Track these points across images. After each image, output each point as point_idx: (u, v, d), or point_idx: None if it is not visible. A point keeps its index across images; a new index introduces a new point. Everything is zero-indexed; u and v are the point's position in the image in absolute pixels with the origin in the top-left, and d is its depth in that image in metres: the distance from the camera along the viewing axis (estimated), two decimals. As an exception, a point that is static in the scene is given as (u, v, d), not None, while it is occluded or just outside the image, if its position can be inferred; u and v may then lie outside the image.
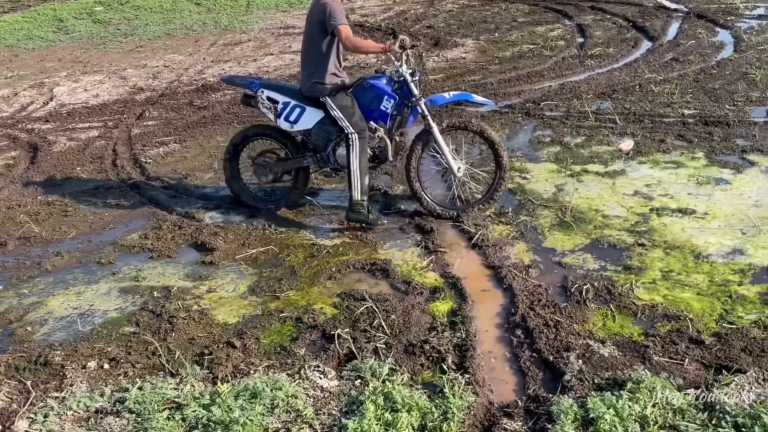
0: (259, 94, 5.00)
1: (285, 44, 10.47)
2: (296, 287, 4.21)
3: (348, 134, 4.78)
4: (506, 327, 3.70)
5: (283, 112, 4.93)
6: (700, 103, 6.69)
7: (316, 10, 4.68)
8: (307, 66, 4.83)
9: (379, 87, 4.87)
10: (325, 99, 4.78)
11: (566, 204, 4.94)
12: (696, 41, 8.79)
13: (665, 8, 10.75)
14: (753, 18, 9.76)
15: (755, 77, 7.20)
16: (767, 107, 6.43)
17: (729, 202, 4.79)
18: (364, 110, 4.88)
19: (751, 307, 3.66)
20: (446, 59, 9.05)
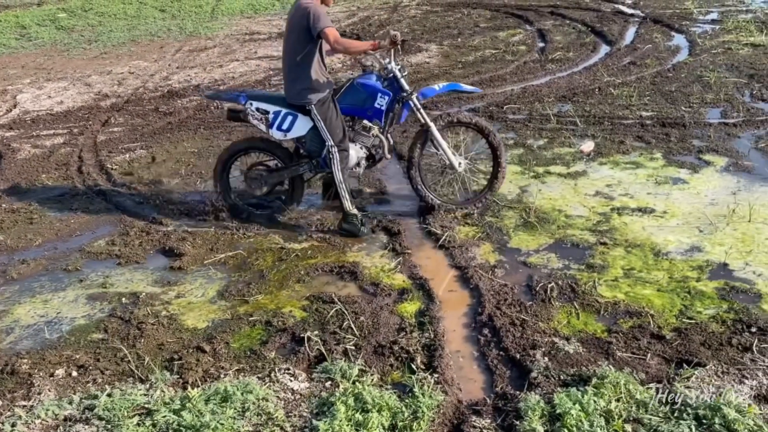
0: (247, 107, 4.88)
1: (250, 50, 10.40)
2: (265, 291, 4.18)
3: (328, 146, 4.74)
4: (473, 326, 3.72)
5: (275, 122, 4.84)
6: (658, 106, 6.81)
7: (297, 15, 4.56)
8: (291, 73, 4.71)
9: (371, 85, 4.82)
10: (311, 108, 4.70)
11: (530, 205, 4.99)
12: (652, 45, 8.96)
13: (623, 13, 10.93)
14: (706, 23, 9.97)
15: (709, 80, 7.36)
16: (721, 109, 6.57)
17: (686, 201, 4.88)
18: (357, 111, 4.86)
19: (709, 302, 3.73)
20: (411, 64, 9.08)
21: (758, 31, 9.07)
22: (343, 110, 4.85)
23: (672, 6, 11.07)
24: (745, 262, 4.06)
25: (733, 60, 7.99)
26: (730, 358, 3.24)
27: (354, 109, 4.88)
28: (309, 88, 4.68)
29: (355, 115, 4.91)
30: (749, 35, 8.93)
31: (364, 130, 4.91)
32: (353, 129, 4.94)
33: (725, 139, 5.85)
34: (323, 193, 5.31)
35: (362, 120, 4.90)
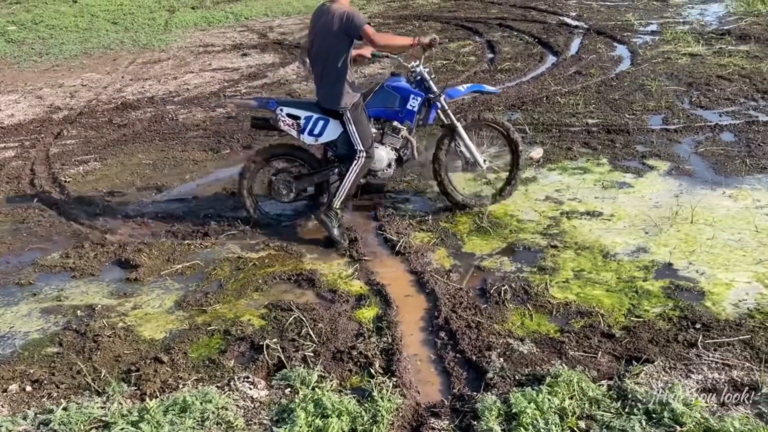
0: (278, 113, 4.78)
1: (205, 62, 10.28)
2: (223, 300, 4.11)
3: (357, 150, 4.71)
4: (430, 330, 3.72)
5: (307, 127, 4.78)
6: (603, 113, 6.95)
7: (332, 19, 4.46)
8: (328, 77, 4.62)
9: (404, 87, 4.86)
10: (345, 112, 4.67)
11: (483, 210, 5.03)
12: (596, 56, 9.14)
13: (567, 25, 11.15)
14: (647, 34, 10.22)
15: (651, 88, 7.55)
16: (663, 116, 6.74)
17: (632, 204, 4.98)
18: (388, 113, 4.87)
19: (655, 300, 3.81)
20: (364, 75, 9.09)
21: (695, 41, 9.35)
22: (374, 113, 4.87)
23: (614, 18, 11.32)
24: (689, 262, 4.16)
25: (673, 69, 8.21)
26: (676, 354, 3.31)
27: (386, 111, 4.89)
28: (345, 92, 4.64)
29: (387, 117, 4.91)
30: (687, 45, 9.19)
31: (394, 131, 4.92)
32: (383, 131, 4.94)
33: (667, 145, 6.00)
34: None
35: (392, 122, 4.91)
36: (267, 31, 12.31)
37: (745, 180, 5.21)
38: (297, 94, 8.35)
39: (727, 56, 8.55)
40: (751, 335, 3.41)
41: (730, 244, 4.32)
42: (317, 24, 4.62)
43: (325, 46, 4.57)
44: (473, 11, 12.76)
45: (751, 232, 4.44)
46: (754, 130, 6.14)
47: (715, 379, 3.09)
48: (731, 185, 5.14)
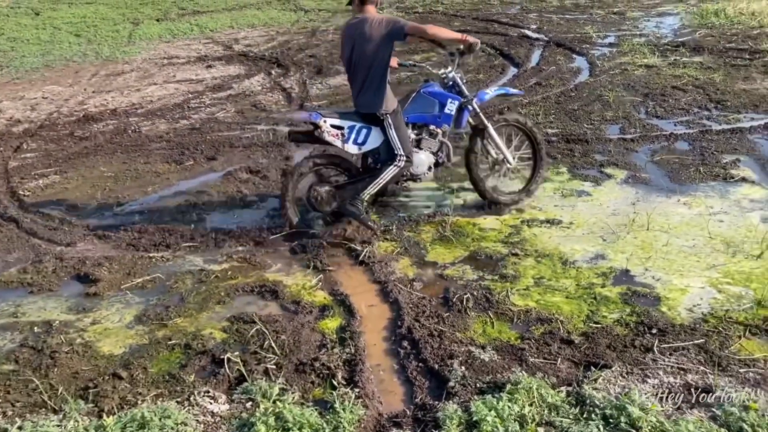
0: (322, 124, 4.72)
1: (169, 74, 10.16)
2: (185, 314, 4.03)
3: (397, 155, 4.77)
4: (393, 339, 3.70)
5: (350, 137, 4.79)
6: (562, 123, 7.03)
7: (370, 28, 4.55)
8: (371, 83, 4.67)
9: (440, 93, 4.97)
10: (386, 117, 4.71)
11: (446, 219, 5.03)
12: (556, 67, 9.26)
13: (528, 37, 11.28)
14: (605, 46, 10.40)
15: (608, 98, 7.66)
16: (620, 125, 6.84)
17: (590, 212, 5.03)
18: (427, 118, 4.96)
19: (613, 306, 3.84)
20: (329, 86, 9.08)
21: (651, 53, 9.53)
22: (413, 119, 4.94)
23: (573, 30, 11.49)
24: (645, 268, 4.21)
25: (630, 80, 8.35)
26: (633, 359, 3.34)
27: (424, 116, 4.97)
28: (387, 97, 4.70)
29: (425, 122, 4.99)
30: (643, 57, 9.37)
31: (431, 135, 5.02)
32: (420, 136, 5.00)
33: (624, 154, 6.08)
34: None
35: (429, 126, 4.99)
36: (232, 43, 12.23)
37: (699, 187, 5.30)
38: (262, 105, 8.30)
39: (681, 67, 8.73)
40: (705, 339, 3.45)
41: (684, 250, 4.38)
42: (354, 35, 4.67)
43: (368, 54, 4.61)
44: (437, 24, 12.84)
45: (705, 238, 4.51)
46: (707, 138, 6.26)
47: (670, 383, 3.12)
48: (686, 193, 5.23)
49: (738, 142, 6.13)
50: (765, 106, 7.04)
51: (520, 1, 14.71)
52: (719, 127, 6.56)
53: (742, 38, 10.02)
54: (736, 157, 5.78)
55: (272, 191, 5.75)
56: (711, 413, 2.91)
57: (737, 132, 6.36)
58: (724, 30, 10.63)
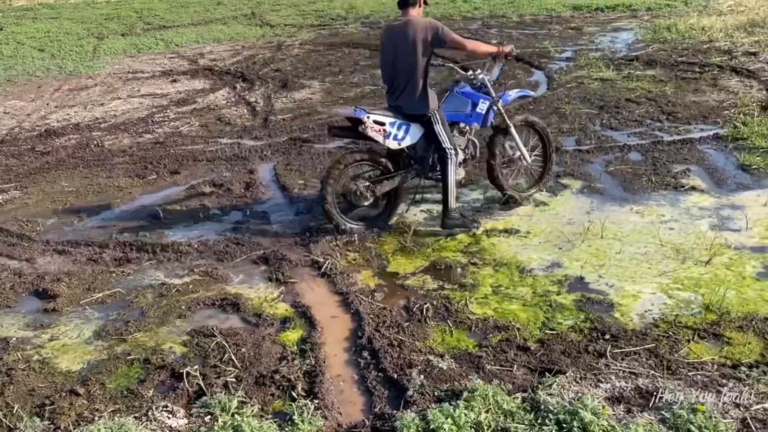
0: (366, 120, 4.81)
1: (133, 88, 10.04)
2: (144, 328, 3.96)
3: (446, 149, 4.92)
4: (354, 350, 3.68)
5: (391, 132, 4.88)
6: (521, 135, 7.10)
7: (414, 33, 4.70)
8: (415, 85, 4.83)
9: (473, 93, 5.19)
10: (432, 114, 4.88)
11: (408, 230, 5.04)
12: (515, 81, 9.38)
13: (489, 52, 11.43)
14: (562, 60, 10.57)
15: (565, 111, 7.78)
16: (576, 137, 6.95)
17: (547, 221, 5.09)
18: (460, 117, 5.15)
19: (568, 313, 3.88)
20: (294, 100, 9.06)
21: (606, 67, 9.71)
22: (447, 117, 5.05)
23: (532, 45, 11.66)
24: (599, 275, 4.27)
25: (586, 93, 8.49)
26: (587, 365, 3.37)
27: (458, 115, 5.16)
28: (430, 97, 4.89)
29: (458, 120, 5.17)
30: (599, 71, 9.54)
31: (461, 133, 5.20)
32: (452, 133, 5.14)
33: (580, 165, 6.17)
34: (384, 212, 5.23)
35: (459, 124, 5.17)
36: (198, 57, 12.14)
37: (651, 196, 5.40)
38: (226, 119, 8.24)
39: (635, 80, 8.91)
40: (655, 344, 3.51)
41: (636, 257, 4.46)
42: (395, 39, 4.82)
43: (411, 59, 4.77)
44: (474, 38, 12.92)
45: (656, 245, 4.60)
46: (659, 149, 6.39)
47: (622, 387, 3.16)
48: (638, 202, 5.32)
49: (688, 152, 6.27)
50: (713, 118, 7.22)
51: (481, 17, 14.89)
52: (670, 138, 6.70)
53: (693, 52, 10.28)
54: (686, 167, 5.90)
55: (235, 204, 5.70)
56: (660, 416, 2.95)
57: (687, 142, 6.51)
58: (676, 44, 10.89)
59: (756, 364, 3.30)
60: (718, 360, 3.36)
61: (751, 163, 5.87)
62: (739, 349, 3.45)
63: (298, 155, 6.83)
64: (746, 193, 5.33)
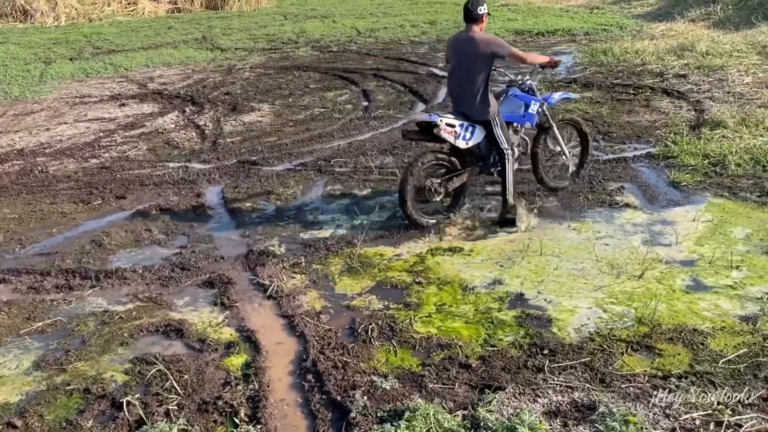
0: (440, 123, 5.17)
1: (80, 113, 9.80)
2: (85, 357, 3.84)
3: (504, 150, 5.37)
4: (298, 373, 3.64)
5: (461, 134, 5.28)
6: (465, 155, 7.18)
7: (477, 46, 5.18)
8: (480, 93, 5.27)
9: (525, 96, 5.65)
10: (493, 118, 5.33)
11: (354, 251, 5.03)
12: (460, 102, 9.49)
13: (436, 75, 11.55)
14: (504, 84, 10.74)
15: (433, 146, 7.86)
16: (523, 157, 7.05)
17: (489, 239, 5.14)
18: (515, 117, 5.59)
19: (509, 329, 3.91)
20: (243, 123, 8.98)
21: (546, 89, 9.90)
22: (504, 118, 5.46)
23: (477, 68, 11.86)
24: (538, 291, 4.32)
25: (528, 114, 8.64)
26: (526, 380, 3.40)
27: (512, 116, 5.58)
28: (492, 103, 5.34)
29: (513, 121, 5.60)
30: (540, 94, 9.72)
31: (515, 132, 5.63)
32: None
33: (521, 183, 6.25)
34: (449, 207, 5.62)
35: (513, 124, 5.60)
36: (147, 81, 11.95)
37: (587, 213, 5.52)
38: (174, 143, 8.11)
39: (573, 102, 9.12)
40: (591, 357, 3.56)
41: (573, 272, 4.53)
42: (460, 51, 5.33)
43: (475, 68, 5.22)
44: (350, 62, 12.97)
45: (592, 261, 4.68)
46: (595, 167, 6.53)
47: (558, 401, 3.19)
48: (575, 219, 5.42)
49: (622, 170, 6.43)
50: (646, 137, 7.43)
51: (428, 41, 15.07)
52: (606, 156, 6.87)
53: (627, 75, 10.58)
54: (621, 185, 6.06)
55: (182, 228, 5.60)
56: (595, 428, 2.98)
57: (622, 161, 6.68)
58: (612, 67, 11.20)
59: (685, 374, 3.39)
60: (650, 371, 3.43)
61: (680, 180, 6.05)
62: (670, 360, 3.53)
63: (246, 178, 6.76)
64: (676, 209, 5.49)
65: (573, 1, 19.72)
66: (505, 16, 17.68)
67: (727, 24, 13.08)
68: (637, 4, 18.12)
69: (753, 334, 3.74)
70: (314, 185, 6.60)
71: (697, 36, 12.41)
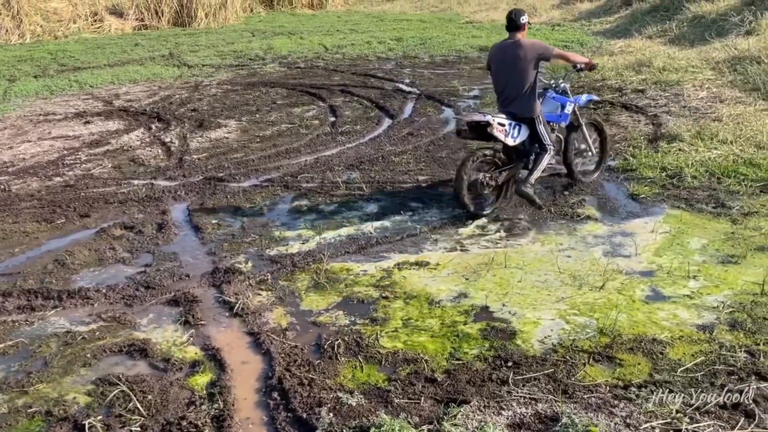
0: (492, 122, 5.61)
1: (44, 131, 9.62)
2: (47, 379, 3.74)
3: (547, 145, 5.88)
4: (264, 391, 3.59)
5: (510, 132, 5.75)
6: (431, 170, 7.23)
7: (524, 51, 5.65)
8: (528, 94, 5.74)
9: (561, 97, 6.18)
10: (537, 117, 5.82)
11: (321, 266, 5.00)
12: (426, 118, 9.57)
13: (402, 91, 11.62)
14: (470, 98, 10.86)
15: (472, 146, 7.95)
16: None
17: (455, 253, 5.15)
18: (552, 117, 6.10)
19: (474, 342, 3.92)
20: (210, 139, 8.90)
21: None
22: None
23: (442, 84, 11.95)
24: (503, 304, 4.34)
25: (491, 129, 8.73)
26: (490, 393, 3.40)
27: (551, 116, 6.09)
28: (537, 103, 5.81)
29: (551, 120, 6.06)
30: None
31: (552, 130, 6.06)
32: None
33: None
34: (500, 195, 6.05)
35: (550, 123, 6.05)
36: (113, 98, 11.79)
37: (550, 226, 5.58)
38: (140, 160, 8.00)
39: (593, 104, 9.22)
40: (554, 369, 3.58)
41: (537, 285, 4.57)
42: (507, 56, 5.78)
43: (524, 71, 5.68)
44: (317, 78, 12.98)
45: (555, 272, 4.73)
46: (557, 181, 6.62)
47: (522, 413, 3.20)
48: (539, 231, 5.47)
49: (583, 183, 6.52)
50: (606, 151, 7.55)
51: (395, 57, 15.17)
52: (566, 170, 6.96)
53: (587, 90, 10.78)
54: (582, 198, 6.14)
55: (146, 246, 5.51)
56: (558, 439, 3.00)
57: (583, 174, 6.77)
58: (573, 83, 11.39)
59: (645, 383, 3.43)
60: (611, 381, 3.47)
61: (639, 193, 6.16)
62: (630, 369, 3.57)
63: (212, 194, 6.70)
64: (635, 221, 5.59)
65: (536, 18, 20.05)
66: (470, 33, 17.92)
67: (682, 40, 13.42)
68: (597, 21, 18.52)
69: (710, 342, 3.81)
70: (281, 201, 6.56)
71: (654, 52, 12.70)
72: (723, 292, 4.36)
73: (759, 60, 10.16)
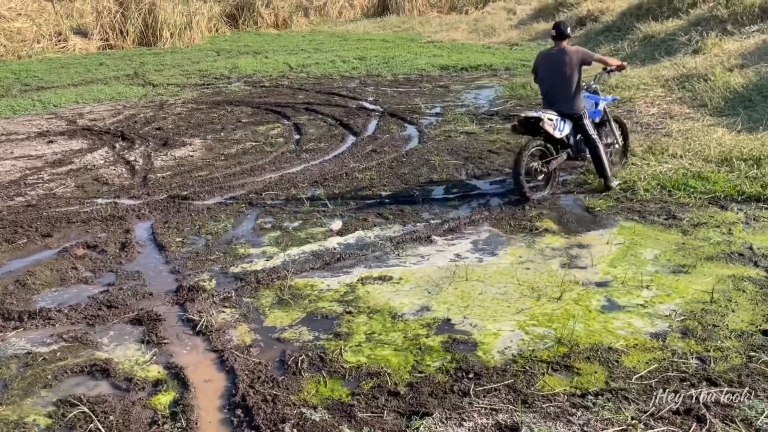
0: (544, 117, 6.30)
1: (6, 150, 9.39)
2: (7, 401, 3.62)
3: (593, 137, 6.51)
4: (228, 408, 3.53)
5: (558, 126, 6.41)
6: (394, 186, 7.25)
7: (569, 57, 6.38)
8: (574, 94, 6.46)
9: (595, 96, 6.86)
10: (583, 113, 6.52)
11: (285, 283, 4.96)
12: (390, 135, 9.61)
13: (366, 108, 11.67)
14: (432, 115, 10.95)
15: (435, 162, 8.03)
16: (444, 186, 7.17)
17: (418, 267, 5.17)
18: (589, 112, 6.66)
19: (436, 355, 3.92)
20: (174, 157, 8.79)
21: (470, 121, 10.16)
22: None
23: (405, 102, 12.04)
24: (464, 316, 4.36)
25: (453, 146, 8.82)
26: (452, 405, 3.40)
27: (588, 112, 6.64)
28: (582, 101, 6.55)
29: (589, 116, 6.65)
30: (464, 125, 9.96)
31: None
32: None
33: (448, 212, 6.36)
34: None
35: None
36: (77, 117, 11.59)
37: (510, 240, 5.62)
38: (104, 179, 7.86)
39: (495, 133, 9.37)
40: (514, 379, 3.60)
41: (497, 297, 4.60)
42: (555, 61, 6.49)
43: (570, 73, 6.40)
44: (282, 97, 12.96)
45: (514, 284, 4.77)
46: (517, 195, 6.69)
47: (483, 424, 3.20)
48: (500, 245, 5.52)
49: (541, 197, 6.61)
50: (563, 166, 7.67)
51: (358, 76, 15.23)
52: (527, 184, 7.05)
53: (545, 107, 10.98)
54: (540, 211, 6.22)
55: (109, 265, 5.39)
56: (518, 449, 3.01)
57: (541, 188, 6.87)
58: (531, 100, 11.58)
59: (601, 391, 3.47)
60: (569, 390, 3.50)
61: (595, 206, 6.27)
62: (587, 378, 3.61)
63: (176, 213, 6.60)
64: (591, 233, 5.68)
65: (494, 38, 20.37)
66: (431, 52, 18.10)
67: (634, 59, 13.75)
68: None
69: (663, 350, 3.87)
70: (245, 218, 6.50)
71: (607, 71, 12.98)
72: (675, 301, 4.45)
73: (706, 77, 10.48)
